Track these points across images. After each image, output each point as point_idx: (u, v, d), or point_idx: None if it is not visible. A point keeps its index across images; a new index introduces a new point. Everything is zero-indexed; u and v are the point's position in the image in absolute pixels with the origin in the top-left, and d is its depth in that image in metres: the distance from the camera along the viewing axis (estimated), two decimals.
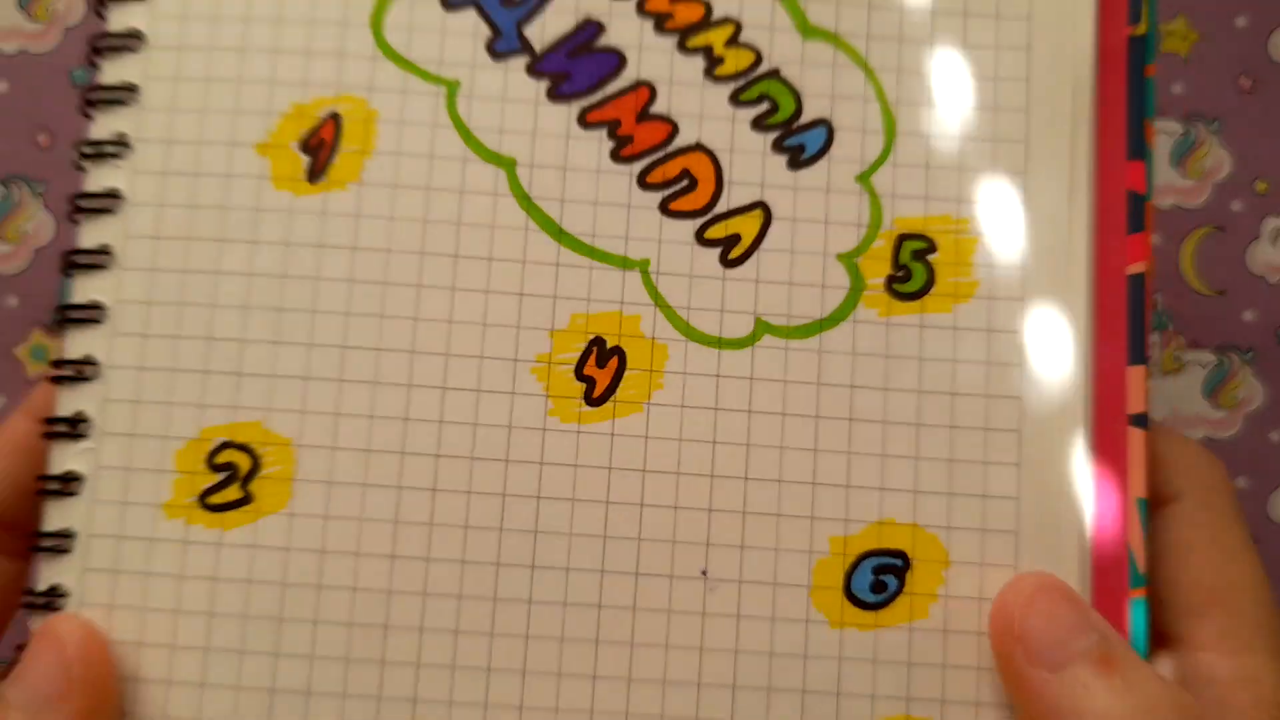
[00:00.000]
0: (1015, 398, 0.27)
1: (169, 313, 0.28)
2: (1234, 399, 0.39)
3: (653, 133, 0.28)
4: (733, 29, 0.29)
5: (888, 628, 0.27)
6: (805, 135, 0.28)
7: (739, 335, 0.28)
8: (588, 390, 0.27)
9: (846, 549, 0.27)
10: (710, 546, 0.27)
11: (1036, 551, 0.27)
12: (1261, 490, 0.39)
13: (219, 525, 0.27)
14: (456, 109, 0.28)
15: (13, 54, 0.39)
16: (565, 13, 0.28)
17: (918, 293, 0.28)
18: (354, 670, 0.26)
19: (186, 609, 0.27)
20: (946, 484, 0.27)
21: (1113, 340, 0.27)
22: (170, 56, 0.28)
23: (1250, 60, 0.40)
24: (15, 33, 0.39)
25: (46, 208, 0.39)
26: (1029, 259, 0.28)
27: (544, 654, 0.26)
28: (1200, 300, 0.40)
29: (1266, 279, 0.40)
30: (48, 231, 0.39)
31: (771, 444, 0.27)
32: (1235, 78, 0.40)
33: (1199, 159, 0.39)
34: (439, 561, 0.27)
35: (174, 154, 0.28)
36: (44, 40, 0.39)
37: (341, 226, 0.28)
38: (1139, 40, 0.29)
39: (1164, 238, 0.39)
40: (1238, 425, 0.39)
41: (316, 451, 0.27)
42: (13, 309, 0.39)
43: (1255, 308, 0.40)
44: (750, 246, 0.28)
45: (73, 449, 0.27)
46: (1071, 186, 0.28)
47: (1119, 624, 0.26)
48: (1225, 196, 0.40)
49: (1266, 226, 0.40)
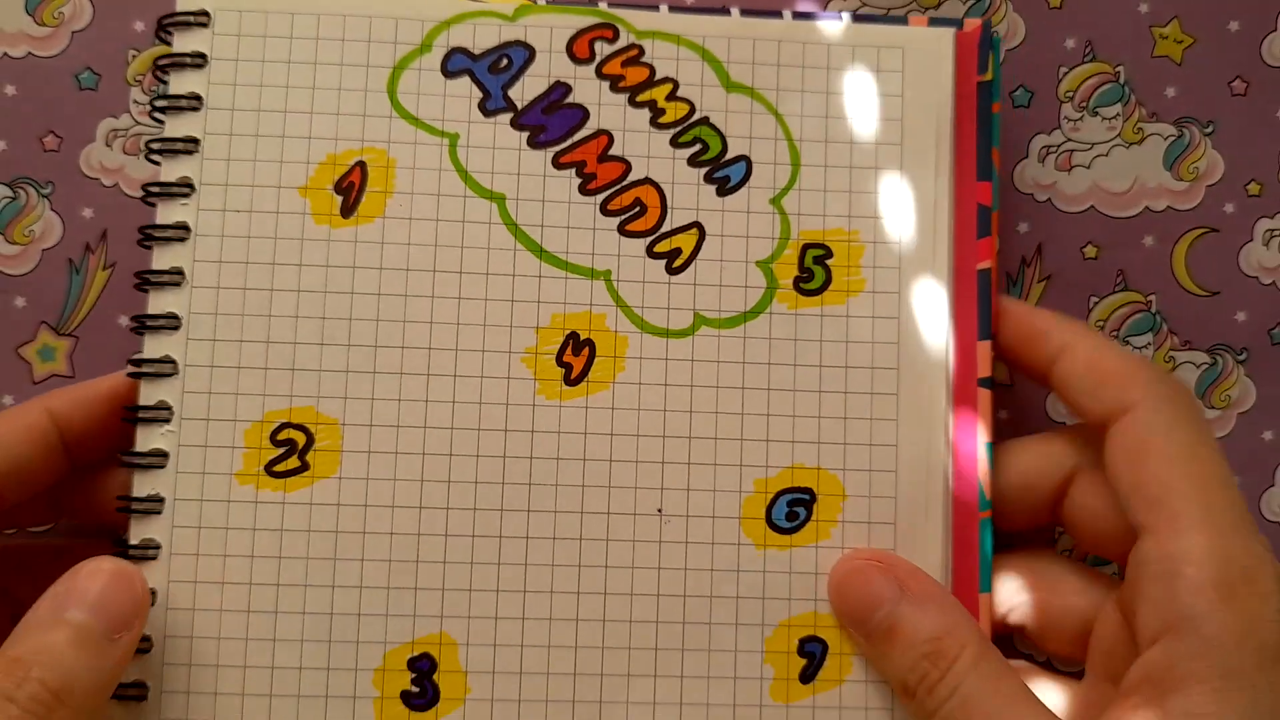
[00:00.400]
0: (893, 368, 0.35)
1: (233, 322, 0.34)
2: (1227, 399, 0.39)
3: (611, 171, 0.35)
4: (671, 86, 0.35)
5: (800, 547, 0.34)
6: (730, 169, 0.35)
7: (682, 327, 0.35)
8: (566, 374, 0.34)
9: (767, 488, 0.34)
10: (664, 490, 0.34)
11: (911, 486, 0.34)
12: (1255, 489, 0.38)
13: (282, 489, 0.34)
14: (457, 156, 0.35)
15: (20, 57, 0.38)
16: (540, 77, 0.35)
17: (818, 289, 0.35)
18: (393, 596, 0.33)
19: (259, 554, 0.33)
20: (842, 436, 0.34)
21: (966, 321, 0.35)
22: (225, 116, 0.35)
23: (1243, 63, 0.39)
24: (23, 37, 0.38)
25: (53, 209, 0.38)
26: (903, 260, 0.35)
27: (539, 577, 0.34)
28: (1193, 301, 0.39)
29: (1259, 280, 0.39)
30: (54, 233, 0.38)
31: (708, 410, 0.34)
32: (1228, 81, 0.39)
33: (1192, 161, 0.39)
34: (456, 510, 0.34)
35: (231, 195, 0.34)
36: (51, 44, 0.38)
37: (370, 252, 0.34)
38: (986, 85, 0.36)
39: (1157, 239, 0.39)
40: (1231, 425, 0.38)
41: (358, 429, 0.34)
42: (20, 310, 0.38)
43: (1248, 309, 0.39)
44: (689, 257, 0.35)
45: (157, 430, 0.34)
46: (935, 203, 0.35)
47: (970, 539, 0.34)
48: (1218, 199, 0.39)
49: (1259, 228, 0.39)
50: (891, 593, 0.32)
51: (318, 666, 0.33)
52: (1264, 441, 0.39)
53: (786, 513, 0.34)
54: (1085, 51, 0.39)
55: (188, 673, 0.33)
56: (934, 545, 0.34)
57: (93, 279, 0.38)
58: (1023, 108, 0.39)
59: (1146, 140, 0.39)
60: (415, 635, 0.33)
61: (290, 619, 0.33)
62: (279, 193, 0.34)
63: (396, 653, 0.33)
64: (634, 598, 0.34)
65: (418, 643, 0.33)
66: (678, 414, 0.34)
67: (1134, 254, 0.39)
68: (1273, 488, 0.39)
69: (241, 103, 0.35)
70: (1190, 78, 0.39)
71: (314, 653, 0.33)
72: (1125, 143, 0.39)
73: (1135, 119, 0.39)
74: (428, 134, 0.35)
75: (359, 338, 0.34)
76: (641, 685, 0.33)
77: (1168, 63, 0.39)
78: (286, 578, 0.33)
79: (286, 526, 0.34)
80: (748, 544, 0.34)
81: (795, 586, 0.34)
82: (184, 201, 0.34)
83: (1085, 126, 0.39)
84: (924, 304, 0.35)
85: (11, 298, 0.38)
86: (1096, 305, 0.39)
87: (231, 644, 0.33)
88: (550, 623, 0.34)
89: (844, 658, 0.34)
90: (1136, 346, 0.39)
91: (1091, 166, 0.39)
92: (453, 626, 0.33)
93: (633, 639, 0.34)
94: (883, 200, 0.35)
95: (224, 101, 0.35)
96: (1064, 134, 0.39)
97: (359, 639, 0.33)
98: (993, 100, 0.36)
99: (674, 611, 0.34)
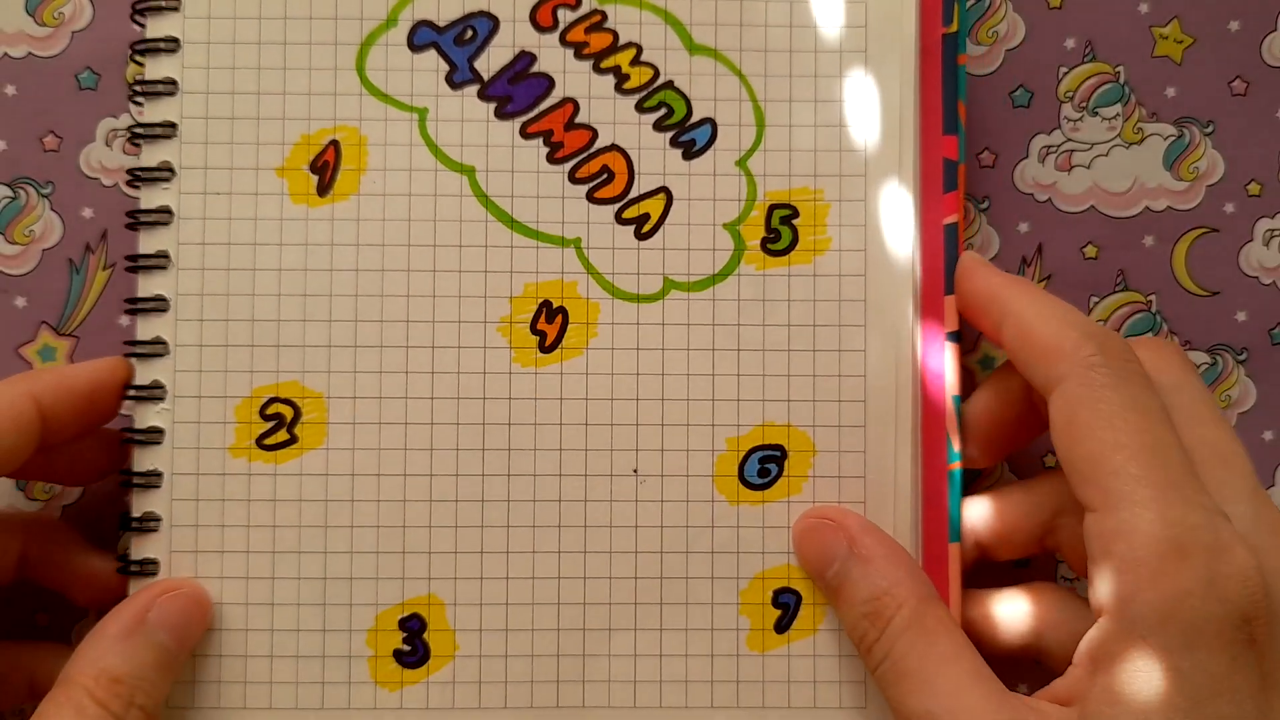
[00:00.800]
0: (861, 326, 0.35)
1: (219, 302, 0.35)
2: (1227, 399, 0.39)
3: (578, 139, 0.36)
4: (635, 51, 0.36)
5: (772, 502, 0.35)
6: (695, 132, 0.36)
7: (652, 292, 0.35)
8: (541, 341, 0.35)
9: (739, 446, 0.35)
10: (639, 451, 0.35)
11: (880, 439, 0.35)
12: None
13: (273, 461, 0.35)
14: (427, 130, 0.36)
15: (20, 57, 0.38)
16: (505, 47, 0.36)
17: (785, 249, 0.36)
18: (383, 560, 0.35)
19: (254, 524, 0.35)
20: (811, 393, 0.35)
21: (933, 277, 0.35)
22: (200, 100, 0.35)
23: (1243, 63, 0.39)
24: (23, 37, 0.38)
25: (53, 209, 0.38)
26: (869, 217, 0.36)
27: (521, 538, 0.35)
28: (1193, 301, 0.39)
29: (1259, 280, 0.39)
30: (54, 233, 0.38)
31: (680, 372, 0.35)
32: (1228, 81, 0.39)
33: (1192, 161, 0.39)
34: (439, 477, 0.35)
35: (211, 178, 0.35)
36: (51, 44, 0.38)
37: (347, 229, 0.35)
38: (951, 37, 0.36)
39: (1157, 239, 0.39)
40: (1231, 425, 0.36)
41: (342, 401, 0.35)
42: (20, 310, 0.38)
43: (1248, 309, 0.39)
44: (657, 222, 0.36)
45: (153, 409, 0.35)
46: (900, 159, 0.35)
47: (939, 490, 0.35)
48: (1218, 199, 0.39)
49: (1259, 228, 0.39)
50: (841, 550, 0.33)
51: (314, 629, 0.35)
52: (1264, 441, 0.39)
53: (758, 469, 0.35)
54: (1085, 51, 0.39)
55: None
56: (903, 497, 0.35)
57: (93, 279, 0.38)
58: (1023, 108, 0.39)
59: (1146, 140, 0.39)
60: (405, 597, 0.35)
61: (286, 584, 0.35)
62: (257, 174, 0.35)
63: (388, 614, 0.35)
64: (613, 555, 0.35)
65: (408, 604, 0.35)
66: (650, 377, 0.35)
67: (1134, 254, 0.39)
68: (1273, 488, 0.39)
69: (215, 86, 0.36)
70: (1190, 78, 0.39)
71: (310, 615, 0.35)
72: (1125, 143, 0.39)
73: (1135, 119, 0.39)
74: (397, 110, 0.36)
75: (339, 313, 0.35)
76: (622, 638, 0.35)
77: (1168, 63, 0.39)
78: (281, 545, 0.35)
79: (279, 497, 0.35)
80: (721, 500, 0.35)
81: (768, 540, 0.35)
82: (165, 186, 0.36)
83: (1085, 126, 0.39)
84: (890, 261, 0.35)
85: (11, 298, 0.38)
86: (1096, 305, 0.39)
87: (232, 609, 0.35)
88: (533, 581, 0.35)
89: (817, 608, 0.35)
90: None
91: (1091, 166, 0.39)
92: (440, 588, 0.35)
93: (613, 594, 0.35)
94: (848, 157, 0.36)
95: (198, 85, 0.36)
96: (1064, 134, 0.39)
97: (352, 601, 0.35)
98: (959, 52, 0.36)
99: (651, 567, 0.35)
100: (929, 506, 0.35)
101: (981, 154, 0.39)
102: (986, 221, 0.39)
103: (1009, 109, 0.39)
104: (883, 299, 0.35)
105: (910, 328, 0.35)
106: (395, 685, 0.35)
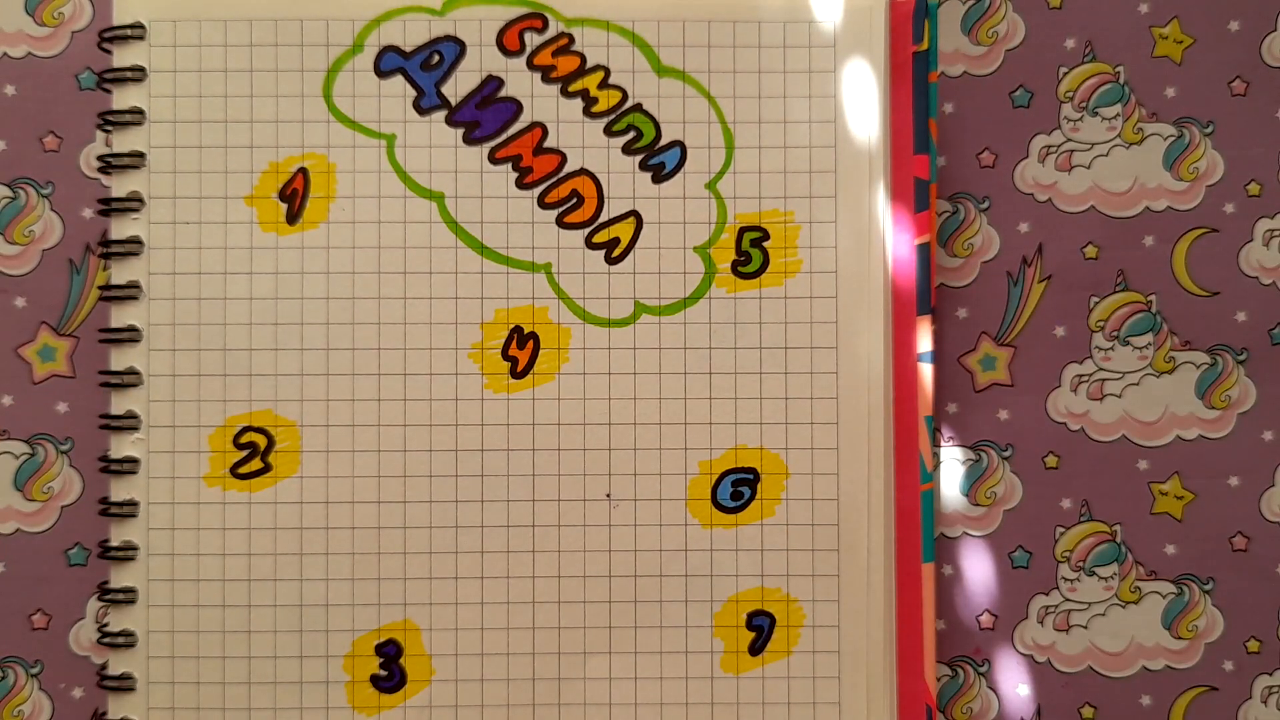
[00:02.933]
0: (833, 348, 0.35)
1: (190, 332, 0.35)
2: (1227, 399, 0.38)
3: (547, 163, 0.36)
4: (603, 74, 0.36)
5: (745, 525, 0.35)
6: (664, 155, 0.36)
7: (623, 316, 0.35)
8: (512, 367, 0.35)
9: (712, 469, 0.35)
10: (612, 476, 0.35)
11: (853, 461, 0.35)
12: (1255, 489, 0.38)
13: (248, 489, 0.35)
14: (395, 157, 0.36)
15: (20, 57, 0.38)
16: (472, 72, 0.36)
17: (756, 272, 0.36)
18: (358, 586, 0.35)
19: (230, 552, 0.35)
20: (784, 416, 0.35)
21: (905, 298, 0.35)
22: (168, 129, 0.35)
23: (1243, 64, 0.39)
24: (23, 37, 0.38)
25: (53, 209, 0.38)
26: (840, 239, 0.36)
27: (495, 564, 0.35)
28: (1193, 301, 0.39)
29: (1259, 280, 0.39)
30: (54, 233, 0.38)
31: (652, 396, 0.35)
32: (1228, 81, 0.39)
33: (1192, 161, 0.39)
34: (413, 503, 0.35)
35: (180, 208, 0.35)
36: (51, 44, 0.38)
37: (317, 257, 0.35)
38: (922, 55, 0.36)
39: (1157, 239, 0.39)
40: (1231, 425, 0.38)
41: (315, 429, 0.35)
42: (20, 310, 0.38)
43: (1247, 309, 0.39)
44: (627, 246, 0.36)
45: (128, 439, 0.35)
46: (870, 178, 0.35)
47: (913, 511, 0.35)
48: (1218, 198, 0.39)
49: (1259, 228, 0.39)
50: None
51: (291, 655, 0.35)
52: (1264, 441, 0.39)
53: (731, 492, 0.35)
54: (1085, 51, 0.39)
55: (171, 664, 0.35)
56: (876, 519, 0.35)
57: (93, 279, 0.38)
58: (1023, 108, 0.39)
59: (1146, 140, 0.39)
60: (381, 622, 0.35)
61: (263, 611, 0.35)
62: (226, 203, 0.35)
63: (364, 639, 0.35)
64: (587, 580, 0.35)
65: (384, 629, 0.35)
66: (622, 401, 0.35)
67: (1134, 254, 0.39)
68: (1273, 488, 0.38)
69: (183, 115, 0.36)
70: (1190, 78, 0.39)
71: (287, 642, 0.35)
72: (1125, 143, 0.39)
73: (1135, 119, 0.39)
74: (365, 136, 0.35)
75: (311, 341, 0.35)
76: (597, 662, 0.35)
77: (1168, 63, 0.39)
78: (257, 573, 0.35)
79: (254, 525, 0.35)
80: (694, 524, 0.35)
81: (742, 563, 0.35)
82: (135, 216, 0.36)
83: (1085, 126, 0.39)
84: (862, 282, 0.35)
85: (11, 298, 0.38)
86: (1096, 305, 0.39)
87: (210, 637, 0.35)
88: (508, 606, 0.35)
89: (791, 630, 0.35)
90: (1137, 347, 0.38)
91: (1091, 166, 0.39)
92: (416, 613, 0.35)
93: (587, 619, 0.35)
94: (817, 178, 0.36)
95: (165, 114, 0.36)
96: (1064, 134, 0.39)
97: (328, 628, 0.35)
98: (930, 70, 0.36)
99: (626, 591, 0.35)
100: (902, 528, 0.35)
101: (981, 154, 0.39)
102: (986, 221, 0.39)
103: (1009, 109, 0.39)
104: (855, 321, 0.35)
105: (883, 349, 0.35)
106: (372, 710, 0.35)
